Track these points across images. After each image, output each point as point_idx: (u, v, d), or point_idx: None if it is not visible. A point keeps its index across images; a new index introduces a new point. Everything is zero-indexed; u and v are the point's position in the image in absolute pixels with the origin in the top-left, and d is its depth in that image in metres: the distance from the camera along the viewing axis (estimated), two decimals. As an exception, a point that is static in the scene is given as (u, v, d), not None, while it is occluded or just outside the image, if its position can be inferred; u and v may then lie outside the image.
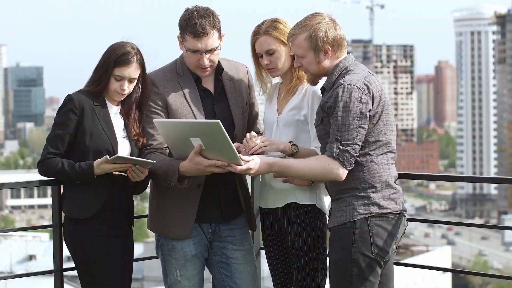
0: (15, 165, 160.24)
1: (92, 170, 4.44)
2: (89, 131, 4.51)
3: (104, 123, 4.55)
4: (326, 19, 4.36)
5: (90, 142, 4.51)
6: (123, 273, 4.61)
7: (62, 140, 4.51)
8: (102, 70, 4.53)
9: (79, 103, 4.50)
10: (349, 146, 4.16)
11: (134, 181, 4.54)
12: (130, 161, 4.43)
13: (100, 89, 4.55)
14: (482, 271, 66.97)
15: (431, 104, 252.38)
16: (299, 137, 4.62)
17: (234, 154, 4.24)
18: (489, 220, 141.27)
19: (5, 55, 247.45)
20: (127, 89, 4.54)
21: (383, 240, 4.25)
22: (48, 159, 4.51)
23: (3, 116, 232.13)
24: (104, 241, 4.54)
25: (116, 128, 4.61)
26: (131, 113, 4.63)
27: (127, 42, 4.57)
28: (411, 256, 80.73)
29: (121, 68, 4.50)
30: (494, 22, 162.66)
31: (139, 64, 4.55)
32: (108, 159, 4.40)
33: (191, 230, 4.66)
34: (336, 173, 4.20)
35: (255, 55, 4.71)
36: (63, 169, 4.47)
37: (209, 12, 4.56)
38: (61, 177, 4.53)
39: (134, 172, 4.45)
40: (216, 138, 4.22)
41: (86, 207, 4.53)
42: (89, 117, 4.52)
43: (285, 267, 4.77)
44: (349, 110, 4.16)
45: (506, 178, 5.12)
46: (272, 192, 4.72)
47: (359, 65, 4.37)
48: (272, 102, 4.80)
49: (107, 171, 4.44)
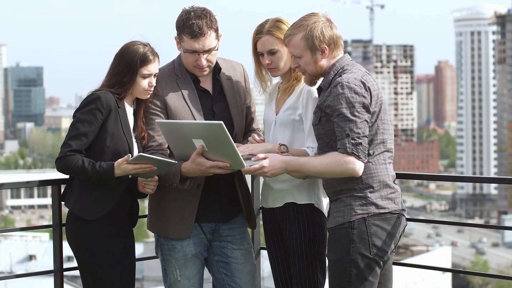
0: (15, 165, 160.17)
1: (113, 171, 4.39)
2: (111, 132, 4.49)
3: (124, 125, 4.55)
4: (321, 19, 4.36)
5: (110, 143, 4.48)
6: (127, 273, 4.60)
7: (86, 138, 4.46)
8: (125, 72, 4.51)
9: (107, 103, 4.47)
10: (361, 139, 4.14)
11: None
12: (151, 161, 4.37)
13: (123, 91, 4.53)
14: (482, 271, 66.92)
15: (431, 104, 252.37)
16: (295, 136, 4.62)
17: (236, 155, 4.24)
18: (489, 220, 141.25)
19: (5, 55, 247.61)
20: (154, 85, 4.57)
21: (381, 240, 4.24)
22: (69, 156, 4.44)
23: (3, 116, 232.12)
24: (110, 241, 4.52)
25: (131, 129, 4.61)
26: (140, 110, 4.64)
27: (139, 41, 4.59)
28: (411, 256, 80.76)
29: (147, 66, 4.52)
30: (494, 22, 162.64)
31: (158, 58, 4.60)
32: (130, 159, 4.37)
33: (191, 229, 4.66)
34: (353, 168, 4.15)
35: (256, 53, 4.71)
36: (83, 167, 4.40)
37: (206, 12, 4.56)
38: (80, 175, 4.46)
39: (148, 185, 4.47)
40: (219, 139, 4.22)
41: (96, 209, 4.49)
42: (113, 118, 4.49)
43: (286, 267, 4.77)
44: (353, 105, 4.15)
45: (506, 178, 5.12)
46: (271, 192, 4.73)
47: (356, 65, 4.37)
48: (271, 102, 4.81)
49: (127, 172, 4.40)
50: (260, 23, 4.69)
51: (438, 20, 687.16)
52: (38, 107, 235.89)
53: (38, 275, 5.55)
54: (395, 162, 4.27)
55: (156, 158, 4.37)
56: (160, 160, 4.37)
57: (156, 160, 4.37)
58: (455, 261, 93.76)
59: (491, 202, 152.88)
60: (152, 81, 4.56)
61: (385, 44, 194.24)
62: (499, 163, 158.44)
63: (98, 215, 4.49)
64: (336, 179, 4.30)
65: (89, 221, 4.49)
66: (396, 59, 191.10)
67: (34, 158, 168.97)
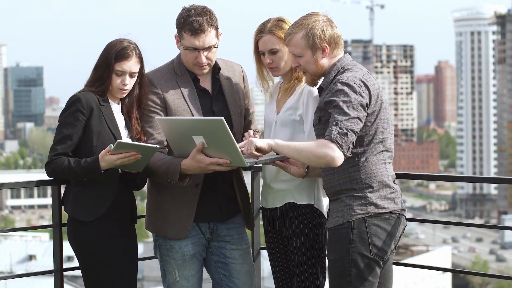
0: (15, 165, 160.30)
1: (98, 164, 4.38)
2: (97, 131, 4.49)
3: (110, 122, 4.54)
4: (322, 18, 4.36)
5: (97, 142, 4.48)
6: (128, 272, 4.60)
7: (70, 140, 4.47)
8: (103, 67, 4.51)
9: (87, 103, 4.47)
10: (348, 132, 4.10)
11: (134, 173, 4.51)
12: (133, 148, 4.36)
13: (103, 88, 4.53)
14: (482, 271, 66.96)
15: (431, 104, 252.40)
16: (295, 137, 4.61)
17: (236, 152, 4.24)
18: (489, 220, 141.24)
19: (5, 55, 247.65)
20: (128, 84, 4.53)
21: (381, 240, 4.24)
22: (55, 160, 4.46)
23: (3, 116, 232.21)
24: (110, 241, 4.52)
25: (120, 127, 4.60)
26: (132, 111, 4.62)
27: (124, 38, 4.58)
28: (411, 256, 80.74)
29: (121, 62, 4.49)
30: (494, 22, 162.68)
31: (138, 58, 4.55)
32: (111, 148, 4.35)
33: (189, 229, 4.66)
34: (331, 155, 4.06)
35: (257, 52, 4.70)
36: (69, 167, 4.42)
37: (207, 10, 4.58)
38: (68, 176, 4.47)
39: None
40: (219, 135, 4.22)
41: (92, 209, 4.49)
42: (96, 117, 4.49)
43: (286, 267, 4.77)
44: (349, 101, 4.14)
45: (506, 178, 5.12)
46: (271, 192, 4.73)
47: (356, 65, 4.37)
48: (272, 102, 4.80)
49: (112, 162, 4.38)
50: (262, 22, 4.69)
51: (438, 20, 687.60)
52: (38, 107, 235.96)
53: (38, 275, 5.55)
54: (395, 162, 4.26)
55: (136, 143, 4.37)
56: (141, 146, 4.36)
57: (137, 146, 4.36)
58: (455, 261, 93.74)
59: (491, 202, 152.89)
60: (126, 80, 4.52)
61: (385, 44, 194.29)
62: (499, 163, 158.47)
63: (95, 215, 4.49)
64: (336, 179, 4.29)
65: (87, 222, 4.49)
66: (396, 59, 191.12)
67: (34, 158, 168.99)
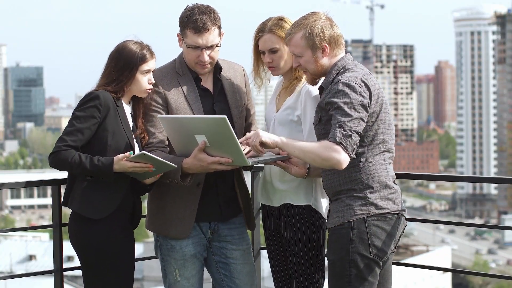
0: (15, 165, 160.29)
1: (112, 166, 4.37)
2: (112, 130, 4.48)
3: (124, 123, 4.54)
4: (322, 17, 4.36)
5: (112, 141, 4.47)
6: (128, 273, 4.60)
7: (81, 134, 4.43)
8: (125, 68, 4.50)
9: (105, 101, 4.46)
10: (352, 133, 4.11)
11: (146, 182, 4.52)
12: (152, 162, 4.35)
13: (121, 89, 4.53)
14: (482, 271, 66.92)
15: (431, 104, 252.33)
16: (293, 137, 4.60)
17: (239, 151, 4.23)
18: (489, 220, 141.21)
19: (5, 55, 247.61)
20: (153, 81, 4.58)
21: (381, 240, 4.24)
22: (63, 150, 4.40)
23: (3, 116, 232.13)
24: (115, 242, 4.50)
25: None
26: (139, 108, 4.63)
27: (135, 40, 4.59)
28: (411, 256, 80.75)
29: (147, 62, 4.53)
30: (494, 22, 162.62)
31: (155, 56, 4.60)
32: (131, 157, 4.35)
33: (190, 229, 4.66)
34: (337, 158, 4.08)
35: (256, 51, 4.70)
36: (80, 162, 4.36)
37: (210, 9, 4.59)
38: (74, 170, 4.40)
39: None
40: (222, 134, 4.22)
41: (102, 207, 4.46)
42: (112, 116, 4.48)
43: (285, 267, 4.77)
44: (351, 101, 4.14)
45: (506, 178, 5.12)
46: (271, 189, 4.72)
47: (357, 64, 4.37)
48: (273, 99, 4.80)
49: (125, 169, 4.38)
50: (263, 21, 4.69)
51: (438, 20, 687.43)
52: (38, 107, 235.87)
53: (38, 275, 5.56)
54: (395, 162, 4.26)
55: (158, 159, 4.34)
56: (161, 162, 4.34)
57: (158, 161, 4.34)
58: (455, 261, 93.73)
59: (491, 202, 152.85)
60: (151, 78, 4.57)
61: (385, 44, 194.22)
62: (499, 163, 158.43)
63: (104, 213, 4.46)
64: (336, 180, 4.30)
65: (94, 221, 4.46)
66: (396, 59, 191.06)
67: (34, 158, 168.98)
